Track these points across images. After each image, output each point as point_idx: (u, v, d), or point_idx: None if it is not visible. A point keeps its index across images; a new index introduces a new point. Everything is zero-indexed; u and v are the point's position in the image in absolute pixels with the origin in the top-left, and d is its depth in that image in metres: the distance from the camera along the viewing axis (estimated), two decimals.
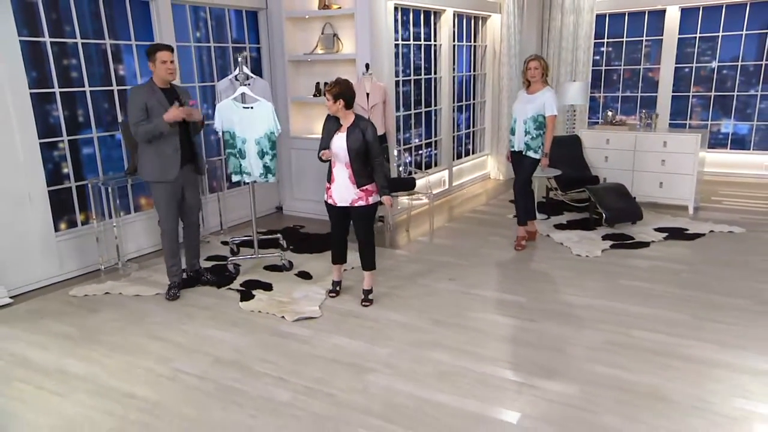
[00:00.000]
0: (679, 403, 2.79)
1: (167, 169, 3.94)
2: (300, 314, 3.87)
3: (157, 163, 3.94)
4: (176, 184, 4.01)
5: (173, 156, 3.94)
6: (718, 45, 7.44)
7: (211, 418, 2.77)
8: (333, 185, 3.89)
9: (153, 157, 3.93)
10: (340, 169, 3.85)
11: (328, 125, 3.89)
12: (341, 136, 3.80)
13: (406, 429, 2.65)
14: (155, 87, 3.90)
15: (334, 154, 3.80)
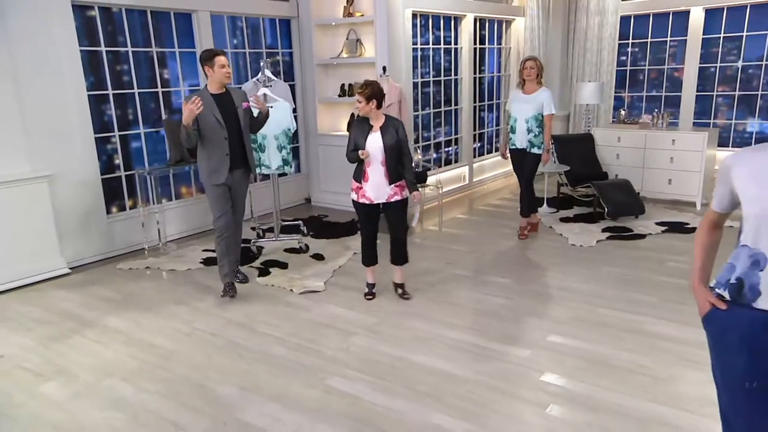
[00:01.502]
0: (621, 368, 3.12)
1: (217, 172, 4.03)
2: (306, 288, 4.40)
3: (208, 166, 4.04)
4: (226, 186, 4.09)
5: (222, 160, 4.02)
6: (742, 45, 7.45)
7: (216, 364, 3.33)
8: (367, 184, 3.94)
9: (205, 160, 4.05)
10: (375, 168, 3.90)
11: (359, 126, 3.96)
12: (376, 135, 3.88)
13: (375, 378, 3.12)
14: (206, 94, 3.95)
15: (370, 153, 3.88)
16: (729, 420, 1.77)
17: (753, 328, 1.59)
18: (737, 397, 1.69)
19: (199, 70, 5.80)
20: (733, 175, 1.64)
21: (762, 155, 1.58)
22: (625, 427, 2.63)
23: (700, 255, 1.82)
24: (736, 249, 1.66)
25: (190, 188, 6.09)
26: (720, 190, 1.71)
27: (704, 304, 1.72)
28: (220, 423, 2.76)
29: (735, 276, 1.63)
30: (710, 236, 1.80)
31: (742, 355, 1.62)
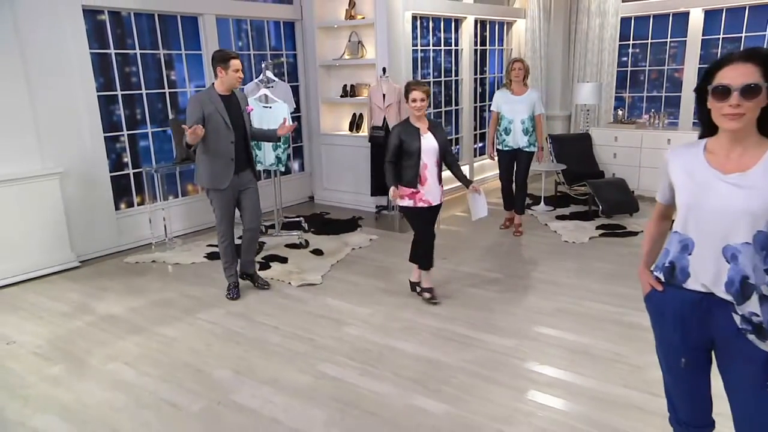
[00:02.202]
0: (600, 357, 3.26)
1: (220, 177, 3.95)
2: (304, 281, 4.57)
3: (210, 170, 3.95)
4: (229, 191, 4.02)
5: (227, 165, 3.94)
6: (741, 45, 7.50)
7: (213, 350, 3.51)
8: (425, 187, 3.86)
9: (207, 164, 3.95)
10: (431, 170, 3.86)
11: (406, 131, 3.84)
12: (428, 136, 3.83)
13: (363, 364, 3.28)
14: (214, 94, 3.91)
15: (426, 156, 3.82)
16: (671, 396, 1.91)
17: (683, 307, 1.73)
18: (676, 374, 1.83)
19: (205, 71, 6.07)
20: (669, 169, 1.78)
21: (693, 151, 1.72)
22: (601, 411, 2.76)
23: (647, 243, 1.96)
24: (671, 235, 1.80)
25: (195, 186, 6.28)
26: (662, 183, 1.84)
27: (646, 285, 1.86)
28: (215, 403, 2.94)
29: (668, 260, 1.77)
30: (658, 227, 1.94)
31: (677, 333, 1.76)
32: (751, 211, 1.58)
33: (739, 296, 1.62)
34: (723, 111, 1.58)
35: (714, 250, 1.64)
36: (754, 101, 1.55)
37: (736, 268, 1.61)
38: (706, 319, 1.70)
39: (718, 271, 1.64)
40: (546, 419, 2.71)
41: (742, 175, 1.60)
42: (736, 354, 1.68)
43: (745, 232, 1.59)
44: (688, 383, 1.82)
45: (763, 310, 1.62)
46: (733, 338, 1.66)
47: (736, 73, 1.56)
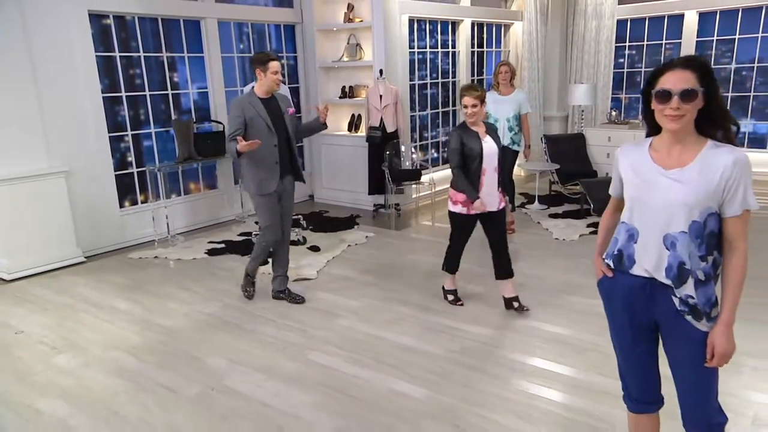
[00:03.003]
0: (577, 347, 3.39)
1: (267, 182, 3.90)
2: (299, 276, 4.73)
3: (256, 176, 3.89)
4: (275, 195, 3.97)
5: (272, 169, 3.89)
6: (735, 47, 7.61)
7: (210, 340, 3.68)
8: (481, 193, 3.70)
9: (253, 171, 3.88)
10: (490, 175, 3.72)
11: (466, 135, 3.67)
12: (488, 140, 3.69)
13: (351, 353, 3.44)
14: (255, 98, 3.84)
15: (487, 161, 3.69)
16: (624, 375, 2.05)
17: (631, 291, 1.87)
18: (626, 354, 1.97)
19: (207, 73, 6.26)
20: (619, 165, 1.92)
21: (640, 149, 1.86)
22: (576, 396, 2.90)
23: (601, 233, 2.10)
24: (618, 225, 1.94)
25: (198, 184, 6.47)
26: (614, 178, 1.98)
27: (598, 272, 2.00)
28: (209, 388, 3.10)
29: (617, 248, 1.91)
30: (611, 219, 2.07)
31: (625, 315, 1.90)
32: (687, 203, 1.72)
33: (677, 280, 1.76)
34: (665, 112, 1.72)
35: (656, 239, 1.78)
36: (692, 104, 1.69)
37: (674, 254, 1.76)
38: (650, 302, 1.84)
39: (660, 258, 1.78)
40: (523, 404, 2.85)
41: (681, 170, 1.74)
42: (677, 334, 1.82)
43: (682, 222, 1.73)
44: (637, 362, 1.96)
45: (698, 293, 1.76)
46: (674, 319, 1.80)
47: (676, 78, 1.70)
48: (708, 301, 1.77)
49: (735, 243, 1.75)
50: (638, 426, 2.09)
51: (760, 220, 5.85)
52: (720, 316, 1.78)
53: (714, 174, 1.70)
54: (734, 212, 1.73)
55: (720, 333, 1.76)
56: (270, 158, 3.89)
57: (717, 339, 1.76)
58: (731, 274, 1.76)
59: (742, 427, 2.61)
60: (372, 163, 6.48)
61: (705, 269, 1.76)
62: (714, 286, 1.80)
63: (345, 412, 2.85)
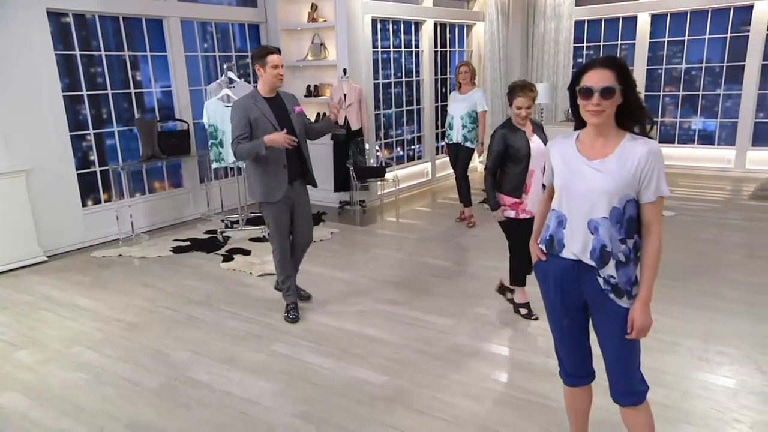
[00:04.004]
0: (530, 333, 3.56)
1: (274, 188, 3.61)
2: (264, 271, 4.79)
3: (263, 182, 3.62)
4: (283, 203, 3.68)
5: (280, 174, 3.60)
6: (685, 48, 7.94)
7: (174, 334, 3.72)
8: (528, 196, 3.51)
9: (260, 176, 3.62)
10: (538, 176, 3.46)
11: (513, 135, 3.47)
12: (536, 140, 3.49)
13: (314, 344, 3.53)
14: (258, 97, 3.56)
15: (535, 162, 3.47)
16: (558, 351, 2.20)
17: (562, 273, 2.01)
18: (560, 331, 2.12)
19: (171, 72, 6.26)
20: (551, 157, 2.07)
21: (568, 141, 2.01)
22: (527, 378, 3.05)
23: (538, 220, 2.24)
24: (550, 212, 2.08)
25: (162, 183, 6.46)
26: (548, 168, 2.13)
27: (534, 257, 2.14)
28: (172, 380, 3.15)
29: (548, 233, 2.06)
30: (546, 206, 2.19)
31: (557, 295, 2.04)
32: (607, 191, 1.87)
33: (600, 262, 1.92)
34: (587, 108, 1.87)
35: (581, 224, 1.93)
36: (611, 101, 1.85)
37: (597, 238, 1.91)
38: (578, 283, 1.98)
39: (585, 242, 1.93)
40: (476, 386, 2.99)
41: (602, 161, 1.90)
42: (602, 311, 1.97)
43: (604, 208, 1.89)
44: (570, 338, 2.11)
45: (619, 274, 1.91)
46: (599, 297, 1.95)
47: (597, 76, 1.85)
48: (628, 280, 1.93)
49: (651, 227, 1.91)
50: (573, 398, 2.25)
51: (702, 213, 6.15)
52: (639, 294, 1.93)
53: (631, 164, 1.86)
54: (649, 199, 1.89)
55: (638, 309, 1.91)
56: (277, 162, 3.58)
57: (636, 314, 1.92)
58: (648, 255, 1.92)
59: (674, 399, 2.79)
60: (337, 161, 6.57)
61: (625, 251, 1.91)
62: (634, 266, 1.95)
63: (306, 398, 2.93)
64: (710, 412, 2.69)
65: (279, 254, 3.83)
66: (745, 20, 7.48)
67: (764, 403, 2.75)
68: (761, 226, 5.54)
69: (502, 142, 3.47)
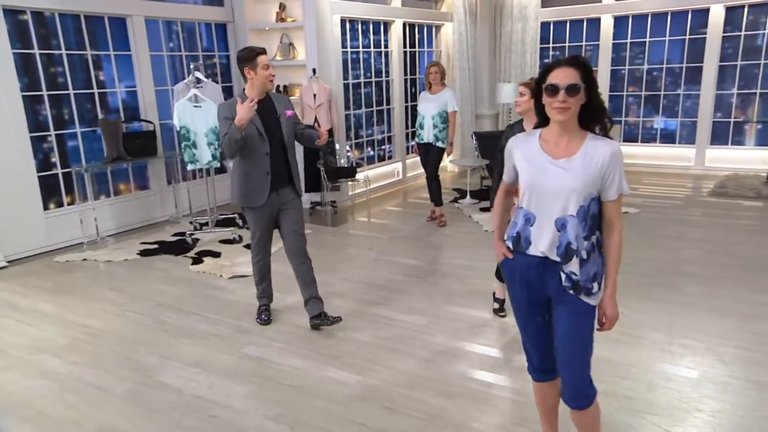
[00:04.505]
0: (498, 328, 3.61)
1: (255, 193, 3.44)
2: (235, 273, 4.74)
3: (242, 187, 3.45)
4: (265, 209, 3.51)
5: (262, 180, 3.42)
6: (646, 49, 8.17)
7: (142, 339, 3.65)
8: None
9: (240, 180, 3.46)
10: None
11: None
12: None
13: (285, 345, 3.51)
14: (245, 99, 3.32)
15: None
16: (526, 349, 2.22)
17: (528, 269, 2.04)
18: (526, 328, 2.14)
19: (135, 71, 6.14)
20: (513, 155, 2.08)
21: (530, 140, 2.03)
22: (497, 374, 3.09)
23: (497, 217, 2.25)
24: (517, 211, 2.10)
25: (128, 185, 6.32)
26: (507, 166, 2.14)
27: (500, 254, 2.15)
28: (141, 385, 3.09)
29: (515, 231, 2.07)
30: (504, 203, 2.24)
31: (524, 292, 2.07)
32: (575, 189, 1.91)
33: (564, 258, 1.96)
34: (553, 105, 1.90)
35: (549, 222, 1.96)
36: (576, 98, 1.89)
37: (564, 235, 1.95)
38: (543, 279, 2.02)
39: (552, 239, 1.96)
40: (449, 383, 3.01)
41: (568, 160, 1.94)
42: (562, 306, 2.01)
43: (572, 206, 1.93)
44: (535, 334, 2.14)
45: (581, 271, 1.96)
46: (561, 293, 2.00)
47: (563, 74, 1.89)
48: (588, 277, 1.97)
49: (613, 223, 1.97)
50: (542, 393, 2.28)
51: (665, 209, 6.33)
52: (606, 288, 2.00)
53: (596, 164, 1.91)
54: (612, 196, 1.95)
55: (608, 302, 2.00)
56: (261, 168, 3.40)
57: (607, 307, 2.00)
58: (612, 250, 1.98)
59: (639, 391, 2.87)
60: (308, 162, 6.53)
61: (587, 248, 1.96)
62: (594, 263, 1.99)
63: (279, 400, 2.91)
64: (673, 402, 2.77)
65: (259, 258, 3.78)
66: (702, 23, 7.72)
67: (724, 392, 2.84)
68: (720, 222, 5.74)
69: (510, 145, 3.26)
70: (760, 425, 2.58)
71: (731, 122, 7.86)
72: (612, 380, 2.91)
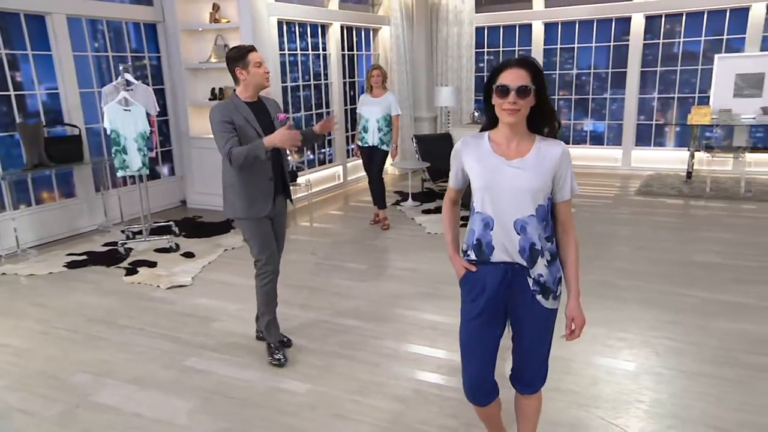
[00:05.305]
0: (447, 330, 3.62)
1: (260, 203, 3.17)
2: (173, 283, 4.54)
3: (245, 196, 3.16)
4: (268, 219, 3.26)
5: (266, 187, 3.18)
6: (575, 55, 8.53)
7: (72, 357, 3.42)
8: None
9: (241, 189, 3.15)
10: None
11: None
12: None
13: (230, 356, 3.38)
14: (239, 102, 3.12)
15: None
16: (471, 370, 2.12)
17: (494, 278, 1.98)
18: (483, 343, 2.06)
19: (57, 72, 5.77)
20: (462, 158, 2.04)
21: (480, 142, 2.01)
22: (447, 376, 3.11)
23: (449, 228, 2.20)
24: (472, 216, 2.05)
25: (52, 193, 5.94)
26: (454, 169, 2.11)
27: (460, 269, 2.08)
28: (73, 406, 2.89)
29: (475, 238, 2.01)
30: (453, 212, 2.22)
31: (489, 304, 2.01)
32: (531, 188, 1.91)
33: (530, 261, 1.94)
34: (503, 106, 1.88)
35: (509, 224, 1.93)
36: (526, 100, 1.87)
37: (525, 237, 1.93)
38: (509, 286, 1.98)
39: (515, 242, 1.94)
40: (399, 387, 3.00)
41: (522, 160, 1.93)
42: (527, 311, 2.00)
43: (530, 206, 1.92)
44: (490, 348, 2.06)
45: (547, 272, 1.97)
46: (526, 299, 1.98)
47: (513, 76, 1.87)
48: (555, 279, 1.99)
49: (567, 223, 2.00)
50: (487, 411, 2.21)
51: (597, 208, 6.63)
52: (571, 291, 2.01)
53: (549, 163, 1.92)
54: (565, 197, 1.97)
55: (576, 307, 2.01)
56: (263, 174, 3.16)
57: (575, 312, 2.01)
58: (572, 251, 2.00)
59: (583, 386, 2.96)
60: None
61: (551, 249, 1.98)
62: (559, 265, 2.02)
63: (226, 414, 2.80)
64: (615, 394, 2.88)
65: (269, 278, 3.28)
66: (625, 31, 8.14)
67: (660, 382, 2.99)
68: (646, 219, 6.05)
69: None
70: (690, 412, 2.72)
71: (653, 125, 8.33)
72: (558, 376, 2.99)
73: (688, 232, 5.60)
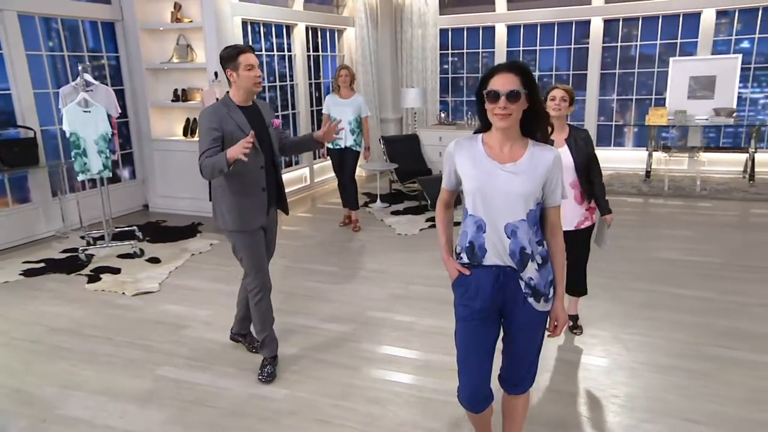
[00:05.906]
0: (423, 332, 3.64)
1: (253, 214, 3.01)
2: (139, 290, 4.40)
3: (237, 207, 2.98)
4: (261, 231, 3.11)
5: (259, 198, 3.02)
6: (537, 57, 8.70)
7: (35, 369, 3.27)
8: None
9: (233, 199, 2.97)
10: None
11: None
12: (564, 151, 3.14)
13: (204, 363, 3.30)
14: (232, 105, 2.94)
15: None
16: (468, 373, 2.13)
17: (486, 281, 2.00)
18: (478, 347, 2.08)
19: (8, 73, 5.52)
20: (456, 159, 2.04)
21: (473, 144, 2.02)
22: (423, 376, 3.11)
23: (443, 231, 2.20)
24: (464, 218, 2.06)
25: (5, 198, 5.67)
26: (447, 171, 2.11)
27: (453, 272, 2.09)
28: (39, 421, 2.77)
29: (468, 240, 2.02)
30: (447, 215, 2.22)
31: (484, 308, 2.02)
32: (523, 193, 1.92)
33: (521, 264, 1.96)
34: (495, 111, 1.89)
35: (501, 227, 1.94)
36: (517, 104, 1.88)
37: (516, 241, 1.94)
38: (502, 288, 2.00)
39: (505, 245, 1.95)
40: (376, 390, 2.99)
41: (515, 164, 1.94)
42: (519, 314, 2.02)
43: (521, 210, 1.93)
44: (486, 352, 2.07)
45: (538, 276, 1.98)
46: (519, 301, 2.00)
47: (503, 81, 1.87)
48: (546, 283, 2.01)
49: (555, 228, 2.02)
50: (479, 416, 2.21)
51: None
52: (557, 293, 2.04)
53: (542, 168, 1.93)
54: (556, 202, 1.99)
55: (560, 307, 2.06)
56: (256, 184, 2.99)
57: (559, 313, 2.06)
58: (557, 256, 2.03)
59: (560, 383, 3.02)
60: None
61: (542, 253, 1.99)
62: (550, 270, 2.03)
63: (203, 423, 2.73)
64: (591, 390, 2.94)
65: (260, 294, 3.13)
66: (585, 33, 8.34)
67: (632, 377, 3.06)
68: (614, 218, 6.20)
69: None
70: (664, 405, 2.80)
71: (613, 125, 8.57)
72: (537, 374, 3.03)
73: (651, 230, 5.78)
